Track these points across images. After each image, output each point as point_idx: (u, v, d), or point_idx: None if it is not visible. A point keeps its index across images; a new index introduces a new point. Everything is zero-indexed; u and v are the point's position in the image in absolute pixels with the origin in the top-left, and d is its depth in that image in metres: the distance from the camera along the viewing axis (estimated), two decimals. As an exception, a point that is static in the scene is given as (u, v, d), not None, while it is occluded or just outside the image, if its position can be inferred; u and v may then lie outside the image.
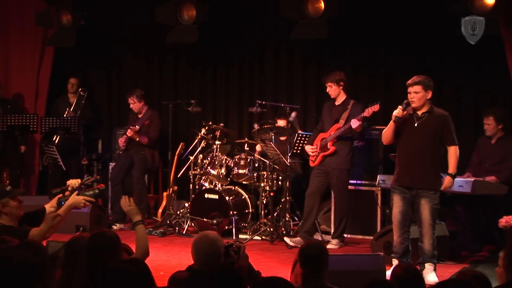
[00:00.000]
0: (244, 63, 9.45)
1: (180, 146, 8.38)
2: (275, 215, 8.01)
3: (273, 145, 7.86)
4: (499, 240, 6.75)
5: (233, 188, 8.32)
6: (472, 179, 6.85)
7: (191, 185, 8.39)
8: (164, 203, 8.59)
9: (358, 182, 7.91)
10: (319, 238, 7.70)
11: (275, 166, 8.04)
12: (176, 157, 8.39)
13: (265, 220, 8.05)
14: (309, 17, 8.28)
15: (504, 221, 5.86)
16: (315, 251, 3.81)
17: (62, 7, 9.37)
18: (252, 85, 9.41)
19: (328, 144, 7.47)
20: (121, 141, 8.85)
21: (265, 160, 8.09)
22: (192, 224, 8.19)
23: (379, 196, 7.72)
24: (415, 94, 6.02)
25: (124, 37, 9.92)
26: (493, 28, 7.21)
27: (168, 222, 8.29)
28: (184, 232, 8.04)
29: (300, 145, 7.92)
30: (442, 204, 6.31)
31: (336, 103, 7.57)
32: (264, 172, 8.08)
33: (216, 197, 8.03)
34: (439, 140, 6.05)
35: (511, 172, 7.18)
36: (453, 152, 6.05)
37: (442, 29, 8.03)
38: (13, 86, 9.81)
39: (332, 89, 7.51)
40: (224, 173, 8.19)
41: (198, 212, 8.08)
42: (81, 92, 9.47)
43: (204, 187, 8.34)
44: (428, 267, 6.01)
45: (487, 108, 7.59)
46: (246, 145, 8.42)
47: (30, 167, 9.70)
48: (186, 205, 8.27)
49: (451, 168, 6.05)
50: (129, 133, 8.69)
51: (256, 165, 8.14)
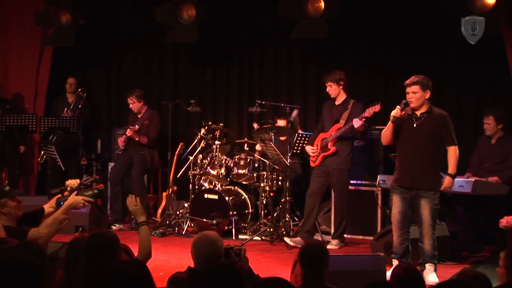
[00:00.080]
0: (244, 63, 9.44)
1: (180, 146, 8.37)
2: (275, 216, 7.99)
3: (273, 145, 7.85)
4: (500, 241, 6.76)
5: (233, 188, 8.31)
6: (473, 179, 6.83)
7: (191, 185, 8.37)
8: (164, 203, 8.57)
9: (359, 182, 7.90)
10: (319, 239, 7.68)
11: (275, 166, 8.03)
12: (176, 157, 8.38)
13: (265, 221, 8.04)
14: (309, 17, 8.27)
15: (505, 222, 5.83)
16: (316, 252, 3.81)
17: (61, 7, 9.36)
18: (252, 85, 9.40)
19: (329, 144, 7.45)
20: (121, 141, 8.83)
21: (265, 160, 8.08)
22: (192, 225, 8.17)
23: (380, 196, 7.71)
24: (413, 94, 6.01)
25: (124, 37, 9.89)
26: (494, 28, 7.21)
27: (168, 223, 8.28)
28: (184, 233, 8.02)
29: (300, 145, 7.91)
30: (443, 204, 6.30)
31: (336, 103, 7.56)
32: (264, 172, 8.07)
33: (216, 197, 8.02)
34: (439, 140, 6.03)
35: (513, 172, 7.19)
36: (453, 152, 6.04)
37: (442, 29, 8.02)
38: (12, 86, 9.79)
39: (332, 89, 7.50)
40: (224, 173, 8.18)
41: (198, 213, 8.06)
42: (80, 92, 9.46)
43: (204, 187, 8.32)
44: (429, 268, 6.00)
45: (487, 108, 7.59)
46: (246, 145, 8.41)
47: (29, 167, 9.68)
48: (186, 205, 8.25)
49: (451, 168, 6.04)
50: (129, 133, 8.67)
51: (256, 165, 8.12)
